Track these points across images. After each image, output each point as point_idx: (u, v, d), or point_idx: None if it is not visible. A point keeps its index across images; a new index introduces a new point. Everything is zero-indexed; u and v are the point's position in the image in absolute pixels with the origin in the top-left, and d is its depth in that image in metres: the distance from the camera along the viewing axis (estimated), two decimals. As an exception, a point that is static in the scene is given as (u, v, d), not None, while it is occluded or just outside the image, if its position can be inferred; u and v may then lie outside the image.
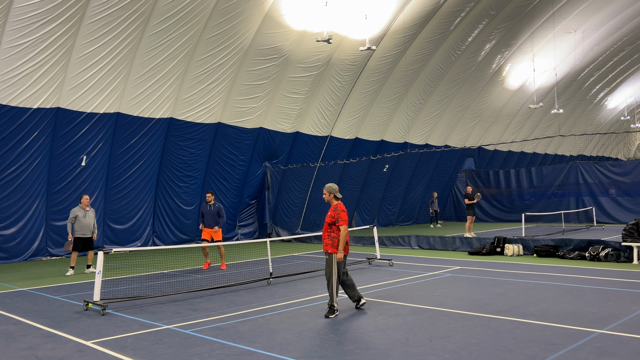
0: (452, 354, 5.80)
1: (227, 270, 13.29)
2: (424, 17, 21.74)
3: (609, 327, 6.74)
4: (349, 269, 12.83)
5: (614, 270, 11.54)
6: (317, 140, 23.52)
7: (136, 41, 16.18)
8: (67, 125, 16.31)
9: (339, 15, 19.34)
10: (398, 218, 28.81)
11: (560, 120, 36.39)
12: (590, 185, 25.91)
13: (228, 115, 19.79)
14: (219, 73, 18.44)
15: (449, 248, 16.33)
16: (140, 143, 18.09)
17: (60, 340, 6.87)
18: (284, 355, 5.93)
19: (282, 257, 15.84)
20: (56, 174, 16.64)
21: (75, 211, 13.05)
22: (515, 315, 7.47)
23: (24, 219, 16.14)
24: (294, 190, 23.31)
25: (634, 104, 43.52)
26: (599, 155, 44.84)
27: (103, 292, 9.92)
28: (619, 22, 29.01)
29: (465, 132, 30.71)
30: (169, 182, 19.38)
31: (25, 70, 14.73)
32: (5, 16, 13.77)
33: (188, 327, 7.33)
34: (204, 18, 16.83)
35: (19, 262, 16.05)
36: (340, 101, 23.00)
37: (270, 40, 18.71)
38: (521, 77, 30.30)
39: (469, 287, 9.87)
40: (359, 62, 21.89)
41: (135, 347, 6.41)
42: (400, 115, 25.97)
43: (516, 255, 14.48)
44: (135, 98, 17.26)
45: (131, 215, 18.62)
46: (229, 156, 20.57)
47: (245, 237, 22.01)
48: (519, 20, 25.43)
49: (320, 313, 7.94)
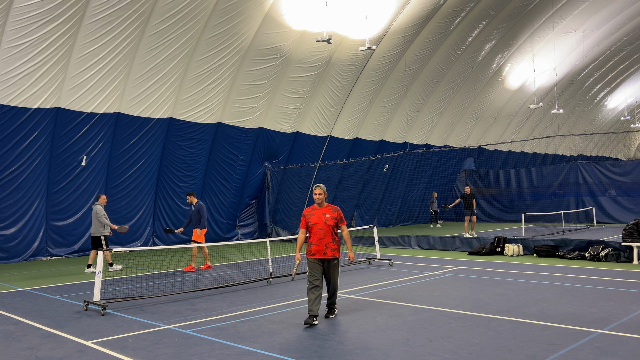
0: (452, 354, 5.80)
1: (227, 270, 13.29)
2: (424, 17, 21.75)
3: (609, 327, 6.74)
4: (349, 269, 12.83)
5: (614, 270, 11.54)
6: (317, 140, 23.52)
7: (136, 41, 16.18)
8: (67, 125, 16.31)
9: (339, 15, 19.34)
10: (398, 218, 28.81)
11: (560, 120, 36.40)
12: (590, 185, 25.91)
13: (228, 115, 19.79)
14: (219, 73, 18.44)
15: (449, 248, 16.34)
16: (140, 143, 18.09)
17: (60, 340, 6.87)
18: (284, 355, 5.93)
19: (282, 257, 15.84)
20: (56, 174, 16.64)
21: (102, 209, 13.39)
22: (515, 315, 7.47)
23: (24, 219, 16.14)
24: (294, 190, 23.32)
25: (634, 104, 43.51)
26: (599, 155, 44.84)
27: (103, 292, 9.92)
28: (619, 22, 29.01)
29: (465, 132, 30.71)
30: (169, 182, 19.38)
31: (25, 70, 14.73)
32: (5, 16, 13.77)
33: (188, 327, 7.33)
34: (204, 18, 16.83)
35: (19, 262, 16.05)
36: (340, 101, 23.00)
37: (270, 40, 18.71)
38: (521, 77, 30.31)
39: (469, 287, 9.87)
40: (359, 62, 21.90)
41: (135, 347, 6.41)
42: (400, 115, 25.97)
43: (516, 255, 14.48)
44: (135, 98, 17.26)
45: (131, 215, 18.62)
46: (229, 156, 20.57)
47: (245, 237, 22.01)
48: (519, 20, 25.43)
49: (320, 313, 7.93)
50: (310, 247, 7.41)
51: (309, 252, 7.43)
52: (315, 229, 7.41)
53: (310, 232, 7.45)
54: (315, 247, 7.37)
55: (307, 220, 7.53)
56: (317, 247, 7.36)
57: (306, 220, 7.54)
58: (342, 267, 12.97)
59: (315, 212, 7.49)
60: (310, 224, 7.46)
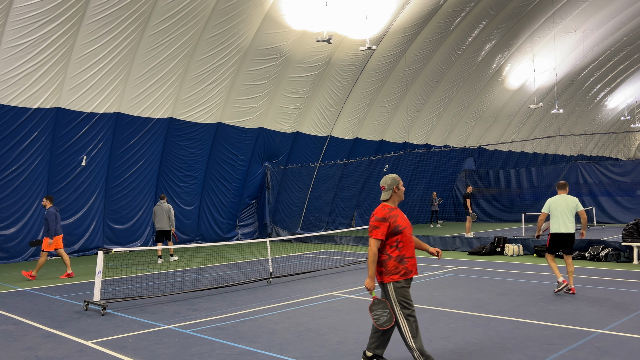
0: (452, 354, 5.80)
1: (227, 270, 13.29)
2: (424, 17, 21.75)
3: (609, 327, 6.74)
4: (349, 269, 12.79)
5: (614, 270, 11.54)
6: (317, 140, 23.52)
7: (136, 41, 16.18)
8: (67, 125, 16.31)
9: (339, 15, 19.34)
10: (398, 218, 28.77)
11: (560, 120, 36.40)
12: (590, 185, 25.90)
13: (228, 115, 19.79)
14: (219, 73, 18.44)
15: (449, 248, 16.34)
16: (140, 143, 18.09)
17: (60, 340, 6.87)
18: (284, 355, 5.92)
19: (282, 257, 15.83)
20: (56, 174, 16.64)
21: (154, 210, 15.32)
22: (515, 315, 7.47)
23: (24, 219, 16.14)
24: (294, 190, 23.32)
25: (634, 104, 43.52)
26: (599, 155, 44.84)
27: (103, 292, 9.92)
28: (619, 22, 29.01)
29: (465, 132, 30.71)
30: (169, 182, 19.38)
31: (25, 70, 14.73)
32: (5, 16, 13.77)
33: (188, 327, 7.33)
34: (204, 18, 16.84)
35: (19, 262, 16.05)
36: (341, 101, 23.01)
37: (270, 40, 18.71)
38: (521, 77, 30.31)
39: (469, 287, 9.87)
40: (359, 62, 21.90)
41: (135, 347, 6.41)
42: (400, 115, 25.97)
43: (516, 255, 14.47)
44: (135, 98, 17.26)
45: (131, 215, 18.62)
46: (229, 156, 20.57)
47: (245, 237, 22.01)
48: (519, 20, 25.44)
49: (320, 313, 7.93)
50: (402, 264, 5.18)
51: (400, 271, 5.16)
52: (407, 236, 5.28)
53: (399, 243, 5.22)
54: (411, 261, 5.24)
55: (392, 224, 5.21)
56: (412, 262, 5.25)
57: (390, 225, 5.20)
58: (341, 267, 12.97)
59: (399, 214, 5.33)
60: (400, 229, 5.23)
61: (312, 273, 12.04)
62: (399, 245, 5.19)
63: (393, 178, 5.44)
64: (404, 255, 5.20)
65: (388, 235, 5.18)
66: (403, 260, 5.18)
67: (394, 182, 5.42)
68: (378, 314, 5.11)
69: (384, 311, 5.06)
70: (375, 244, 5.15)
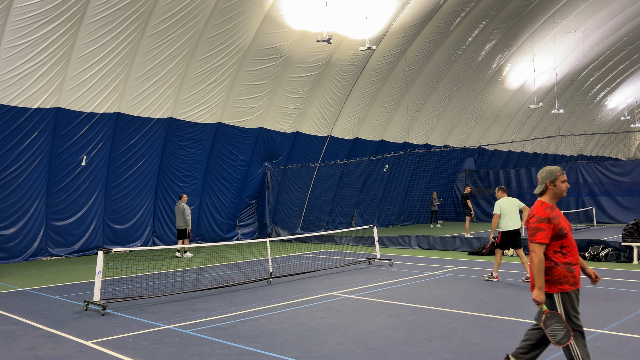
0: (452, 354, 5.80)
1: (227, 270, 13.29)
2: (424, 17, 21.75)
3: (609, 327, 6.74)
4: (349, 269, 12.79)
5: (614, 270, 11.54)
6: (317, 140, 23.52)
7: (136, 41, 16.18)
8: (67, 125, 16.31)
9: (339, 15, 19.34)
10: (398, 218, 28.81)
11: (560, 120, 36.39)
12: (590, 185, 25.91)
13: (228, 115, 19.79)
14: (219, 73, 18.44)
15: (449, 248, 16.33)
16: (140, 143, 18.09)
17: (60, 340, 6.87)
18: (284, 355, 5.93)
19: (282, 257, 15.83)
20: (56, 174, 16.64)
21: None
22: (515, 315, 7.47)
23: (24, 219, 16.14)
24: (294, 190, 23.32)
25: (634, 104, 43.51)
26: (599, 155, 44.84)
27: (103, 292, 9.92)
28: (619, 22, 29.00)
29: (465, 132, 30.71)
30: (169, 182, 19.38)
31: (25, 70, 14.73)
32: (5, 16, 13.77)
33: (188, 327, 7.33)
34: (204, 18, 16.84)
35: (19, 262, 16.05)
36: (340, 101, 23.00)
37: (270, 40, 18.71)
38: (521, 77, 30.30)
39: (469, 287, 9.87)
40: (359, 62, 21.90)
41: (135, 347, 6.41)
42: (400, 115, 25.97)
43: (516, 255, 14.46)
44: (135, 98, 17.26)
45: (131, 215, 18.62)
46: (229, 156, 20.57)
47: (245, 237, 22.01)
48: (519, 20, 25.43)
49: (320, 313, 7.93)
50: (571, 271, 4.53)
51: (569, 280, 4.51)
52: (572, 240, 4.61)
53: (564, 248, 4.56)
54: (578, 268, 4.61)
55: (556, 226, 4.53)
56: (578, 269, 4.63)
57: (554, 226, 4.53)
58: (341, 267, 12.96)
59: (559, 214, 4.62)
60: (564, 232, 4.56)
61: (312, 273, 12.04)
62: (564, 250, 4.53)
63: (549, 171, 4.68)
64: (571, 262, 4.53)
65: (551, 239, 4.52)
66: (570, 267, 4.51)
67: (549, 175, 4.66)
68: (554, 330, 4.37)
69: (560, 325, 4.36)
70: (540, 249, 4.45)
